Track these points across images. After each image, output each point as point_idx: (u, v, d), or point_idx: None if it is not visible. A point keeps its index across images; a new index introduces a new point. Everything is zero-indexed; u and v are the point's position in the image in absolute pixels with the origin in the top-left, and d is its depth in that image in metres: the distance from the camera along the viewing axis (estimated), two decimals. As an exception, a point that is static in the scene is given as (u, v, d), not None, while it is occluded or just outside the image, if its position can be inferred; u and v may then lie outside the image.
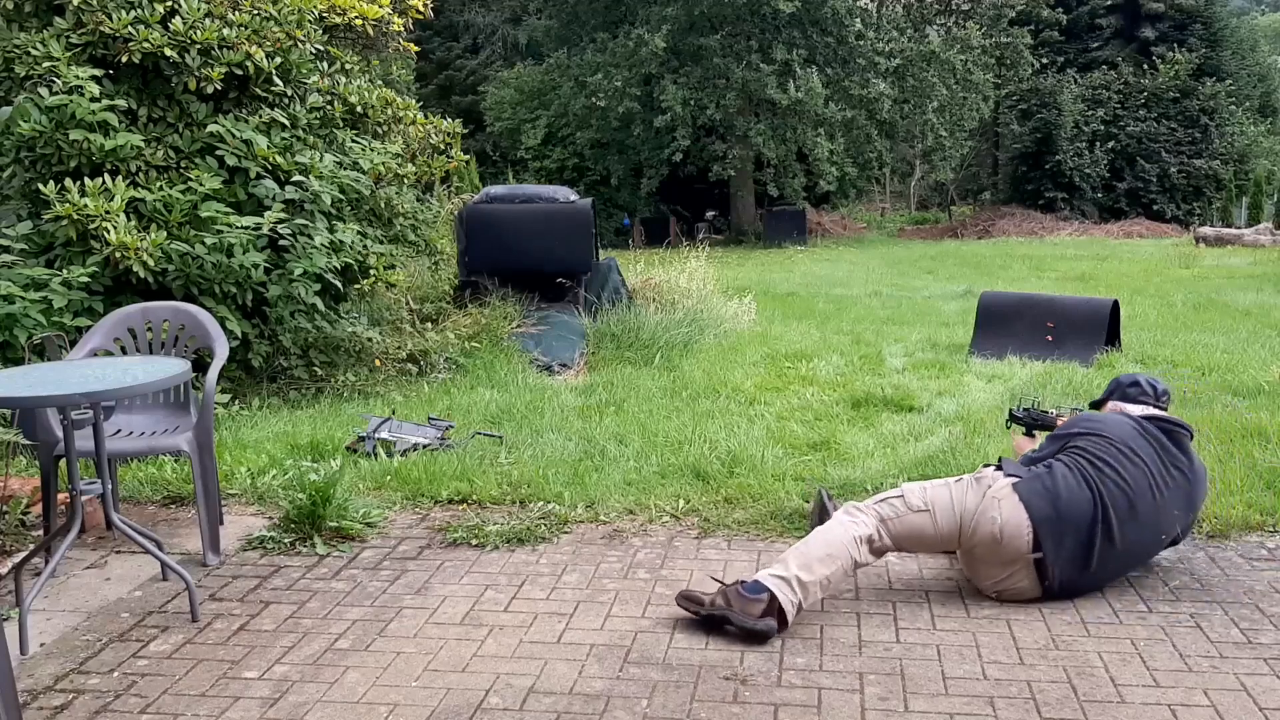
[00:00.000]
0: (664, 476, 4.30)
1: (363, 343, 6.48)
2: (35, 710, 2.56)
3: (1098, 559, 3.03)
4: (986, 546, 3.05)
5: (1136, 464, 3.12)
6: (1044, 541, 3.00)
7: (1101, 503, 3.04)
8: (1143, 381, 3.50)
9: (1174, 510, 3.15)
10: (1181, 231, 23.65)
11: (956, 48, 23.31)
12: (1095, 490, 3.05)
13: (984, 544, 3.05)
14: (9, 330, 4.70)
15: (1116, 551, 3.06)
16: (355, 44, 7.56)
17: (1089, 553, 3.03)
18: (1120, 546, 3.06)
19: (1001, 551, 3.03)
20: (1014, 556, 3.03)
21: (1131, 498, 3.06)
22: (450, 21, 29.54)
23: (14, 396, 2.79)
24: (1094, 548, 3.02)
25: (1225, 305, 9.89)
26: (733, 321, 8.62)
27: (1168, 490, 3.13)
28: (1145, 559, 3.26)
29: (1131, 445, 3.17)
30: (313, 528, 3.72)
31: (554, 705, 2.56)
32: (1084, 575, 3.06)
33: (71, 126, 5.28)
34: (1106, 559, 3.06)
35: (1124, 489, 3.07)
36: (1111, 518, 3.03)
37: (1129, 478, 3.09)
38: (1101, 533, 3.02)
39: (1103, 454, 3.14)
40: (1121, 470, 3.10)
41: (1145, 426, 3.25)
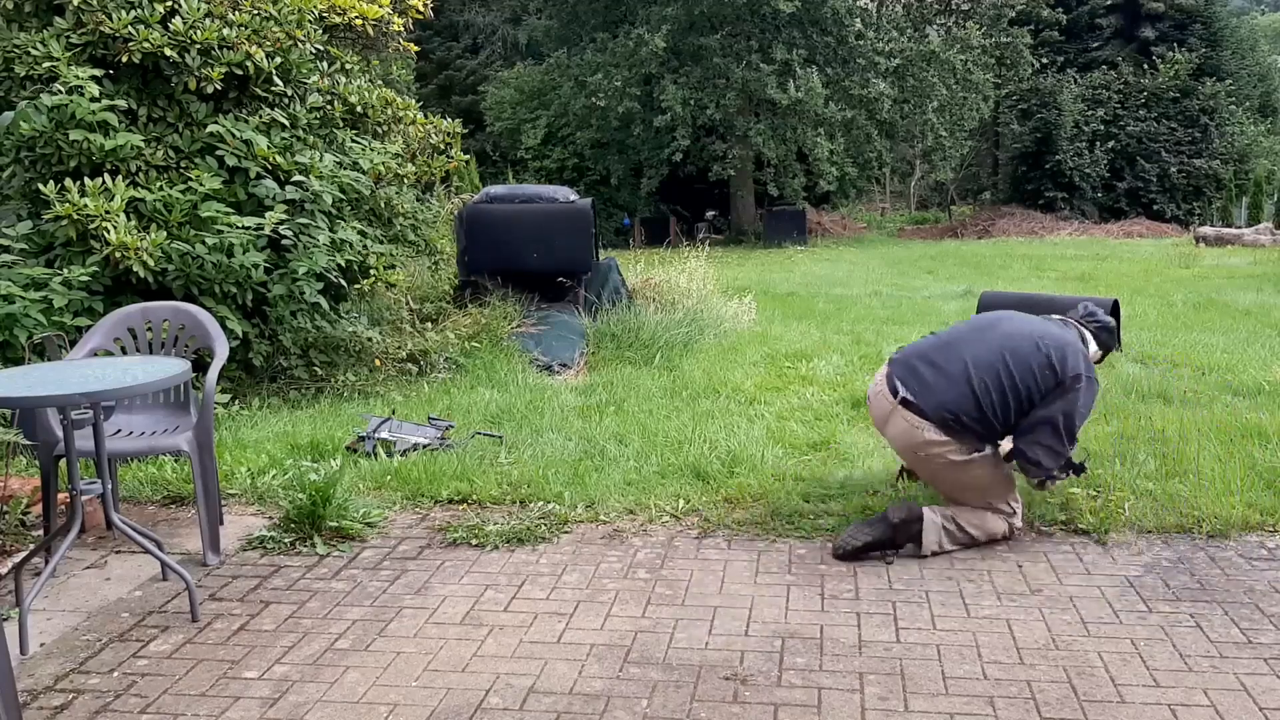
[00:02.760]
0: (664, 476, 4.30)
1: (363, 343, 6.48)
2: (35, 710, 2.57)
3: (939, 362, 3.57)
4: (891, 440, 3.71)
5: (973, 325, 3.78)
6: (897, 383, 3.60)
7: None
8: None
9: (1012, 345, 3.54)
10: (1181, 231, 23.66)
11: (956, 48, 23.31)
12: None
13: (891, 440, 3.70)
14: (9, 330, 4.70)
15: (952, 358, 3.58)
16: (355, 44, 7.56)
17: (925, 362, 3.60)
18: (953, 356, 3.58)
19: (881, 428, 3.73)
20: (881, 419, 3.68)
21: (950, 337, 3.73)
22: (450, 21, 29.54)
23: (14, 396, 2.79)
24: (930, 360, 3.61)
25: (1225, 305, 9.89)
26: (733, 321, 8.61)
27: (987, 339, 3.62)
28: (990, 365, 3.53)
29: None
30: (313, 528, 3.72)
31: (554, 705, 2.56)
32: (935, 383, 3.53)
33: (71, 126, 5.28)
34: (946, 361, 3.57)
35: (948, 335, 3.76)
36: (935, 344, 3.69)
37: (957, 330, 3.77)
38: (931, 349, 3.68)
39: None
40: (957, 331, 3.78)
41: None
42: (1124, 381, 5.98)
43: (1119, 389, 5.79)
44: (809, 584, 3.28)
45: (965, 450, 3.48)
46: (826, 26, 21.97)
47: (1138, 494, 3.97)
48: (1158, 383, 5.92)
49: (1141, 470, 4.23)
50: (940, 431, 3.47)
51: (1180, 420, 4.99)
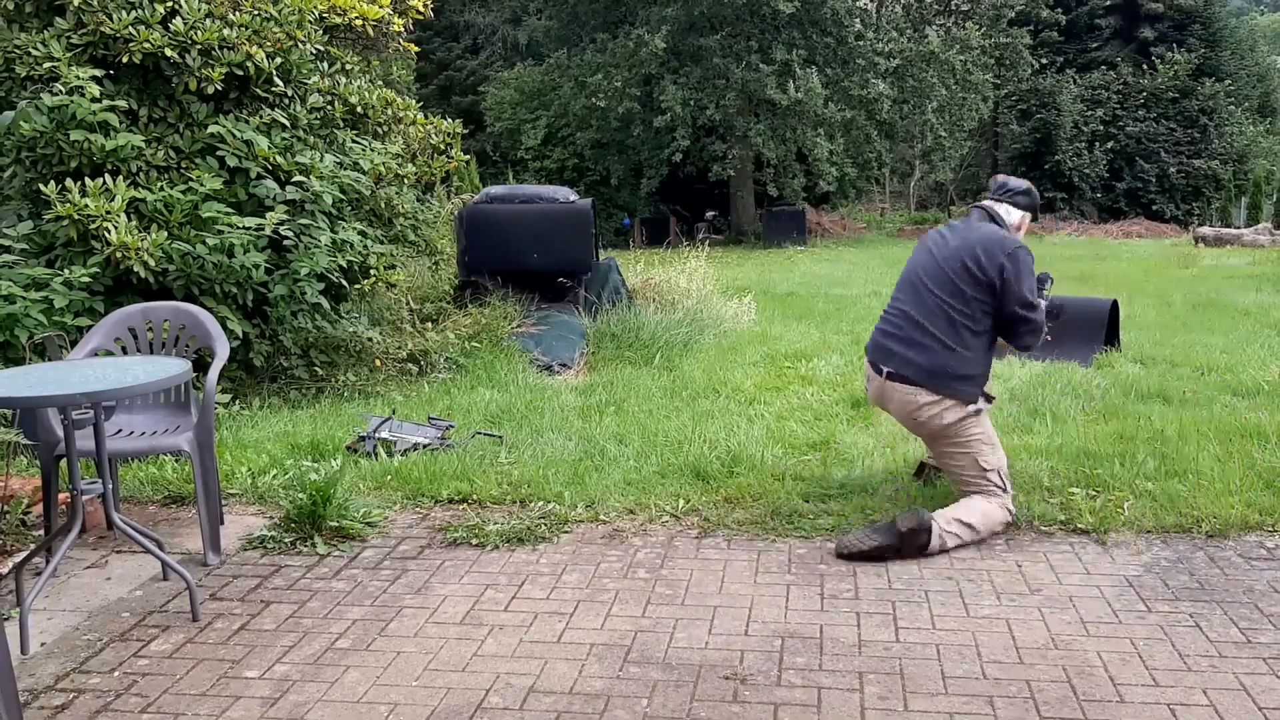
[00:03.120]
0: (664, 476, 4.30)
1: (363, 343, 6.49)
2: (36, 710, 2.57)
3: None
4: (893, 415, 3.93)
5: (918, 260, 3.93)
6: (880, 364, 3.85)
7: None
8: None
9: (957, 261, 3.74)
10: (1181, 231, 23.67)
11: (956, 48, 23.31)
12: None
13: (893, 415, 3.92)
14: (10, 330, 4.70)
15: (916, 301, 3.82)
16: (355, 44, 7.57)
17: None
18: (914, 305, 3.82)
19: (883, 407, 3.96)
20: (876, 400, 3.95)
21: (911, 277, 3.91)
22: (450, 22, 29.54)
23: (15, 396, 2.79)
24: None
25: (1224, 305, 9.89)
26: (732, 321, 8.62)
27: (937, 258, 3.82)
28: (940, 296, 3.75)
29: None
30: (313, 527, 3.73)
31: (554, 705, 2.56)
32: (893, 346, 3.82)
33: (72, 127, 5.28)
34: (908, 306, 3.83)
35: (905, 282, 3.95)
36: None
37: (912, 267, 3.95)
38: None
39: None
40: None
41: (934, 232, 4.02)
42: (1124, 381, 5.99)
43: (1119, 389, 5.79)
44: (809, 584, 3.29)
45: (959, 407, 3.67)
46: (826, 27, 21.98)
47: (1137, 494, 3.98)
48: (1157, 383, 5.92)
49: (1141, 470, 4.23)
50: (932, 392, 3.68)
51: (1180, 420, 5.00)
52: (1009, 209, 3.96)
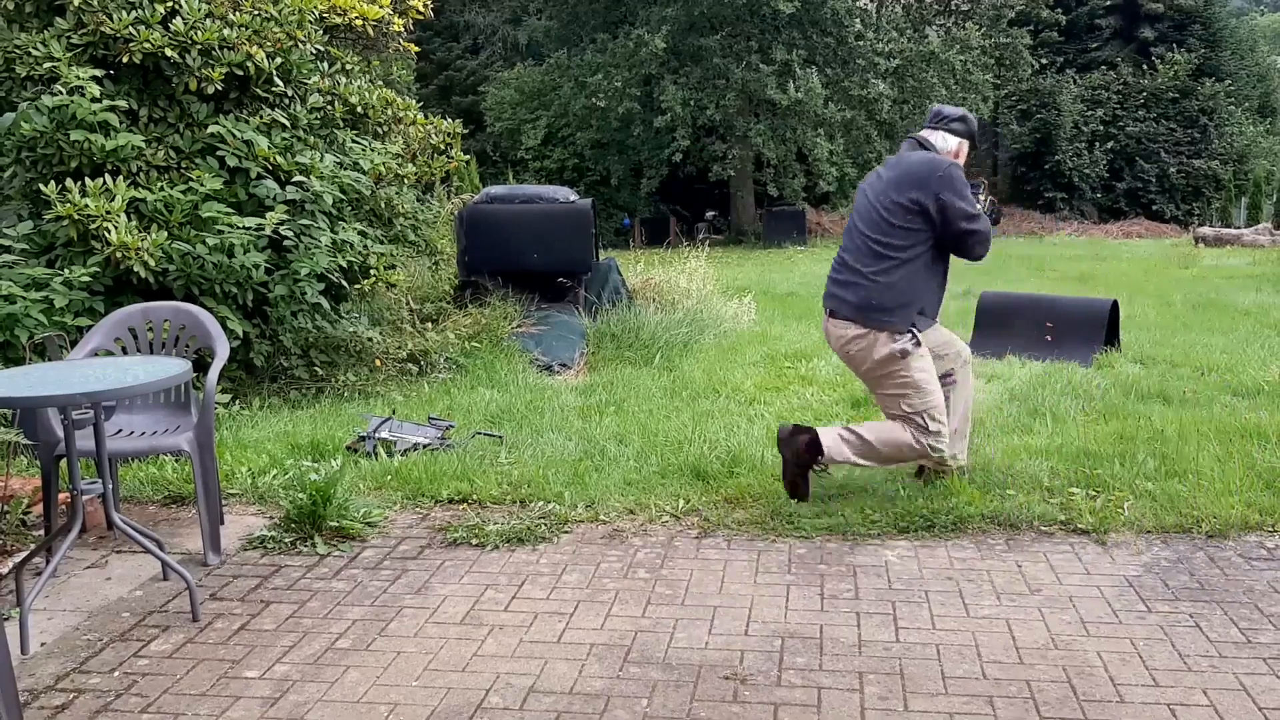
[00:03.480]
0: (664, 476, 4.30)
1: (363, 343, 6.49)
2: (36, 710, 2.57)
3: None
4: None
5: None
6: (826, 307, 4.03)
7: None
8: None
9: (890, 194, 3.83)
10: (1181, 231, 23.67)
11: (956, 48, 23.30)
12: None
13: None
14: (10, 330, 4.70)
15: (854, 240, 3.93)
16: (355, 44, 7.57)
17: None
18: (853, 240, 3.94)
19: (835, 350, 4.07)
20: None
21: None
22: (450, 22, 29.53)
23: (15, 396, 2.79)
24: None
25: (1224, 305, 9.89)
26: (732, 321, 8.61)
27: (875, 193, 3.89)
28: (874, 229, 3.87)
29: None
30: (313, 527, 3.73)
31: (554, 705, 2.56)
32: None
33: (72, 127, 5.28)
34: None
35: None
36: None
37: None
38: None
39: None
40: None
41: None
42: (1124, 381, 5.99)
43: (1119, 389, 5.79)
44: (809, 584, 3.29)
45: (887, 341, 3.79)
46: (826, 27, 21.97)
47: (1137, 494, 3.98)
48: (1157, 383, 5.92)
49: (1141, 470, 4.23)
50: (860, 325, 3.82)
51: (1180, 420, 5.00)
52: (944, 136, 3.99)
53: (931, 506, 3.85)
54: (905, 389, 3.85)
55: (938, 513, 3.80)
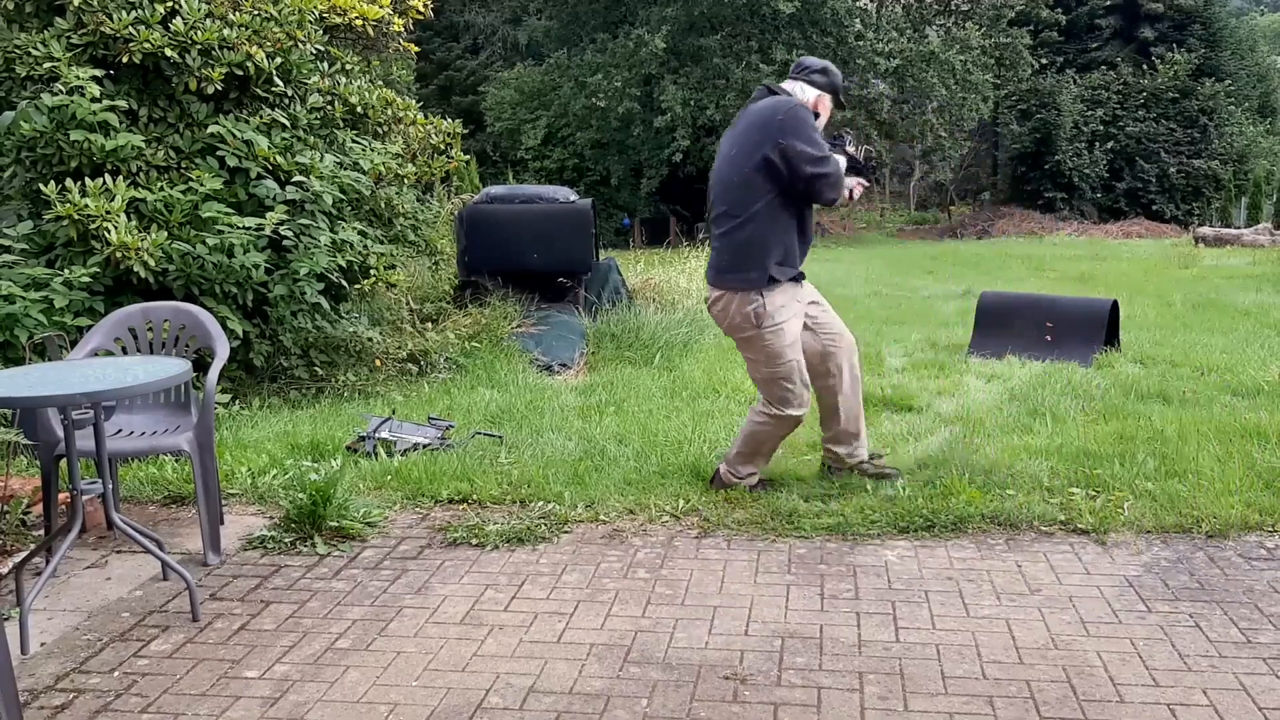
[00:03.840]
0: (664, 476, 4.30)
1: (363, 343, 6.49)
2: (36, 709, 2.57)
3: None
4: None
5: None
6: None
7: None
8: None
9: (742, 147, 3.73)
10: (1181, 231, 23.67)
11: (956, 48, 23.32)
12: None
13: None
14: (10, 330, 4.71)
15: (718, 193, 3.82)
16: (355, 44, 7.57)
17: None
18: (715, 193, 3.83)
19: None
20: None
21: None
22: (450, 22, 29.54)
23: (15, 396, 2.79)
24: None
25: (1224, 305, 9.89)
26: (732, 321, 8.60)
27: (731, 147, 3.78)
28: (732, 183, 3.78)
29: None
30: (313, 527, 3.73)
31: (554, 705, 2.56)
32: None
33: (72, 127, 5.29)
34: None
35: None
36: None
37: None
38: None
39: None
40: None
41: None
42: (1124, 381, 5.99)
43: (1119, 389, 5.79)
44: (809, 584, 3.29)
45: (743, 302, 3.73)
46: (826, 27, 21.99)
47: (1137, 494, 3.98)
48: (1157, 383, 5.92)
49: (1141, 470, 4.23)
50: (718, 289, 3.78)
51: (1180, 420, 5.00)
52: (803, 86, 3.85)
53: (931, 506, 3.85)
54: (760, 351, 3.80)
55: (938, 513, 3.80)
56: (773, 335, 3.78)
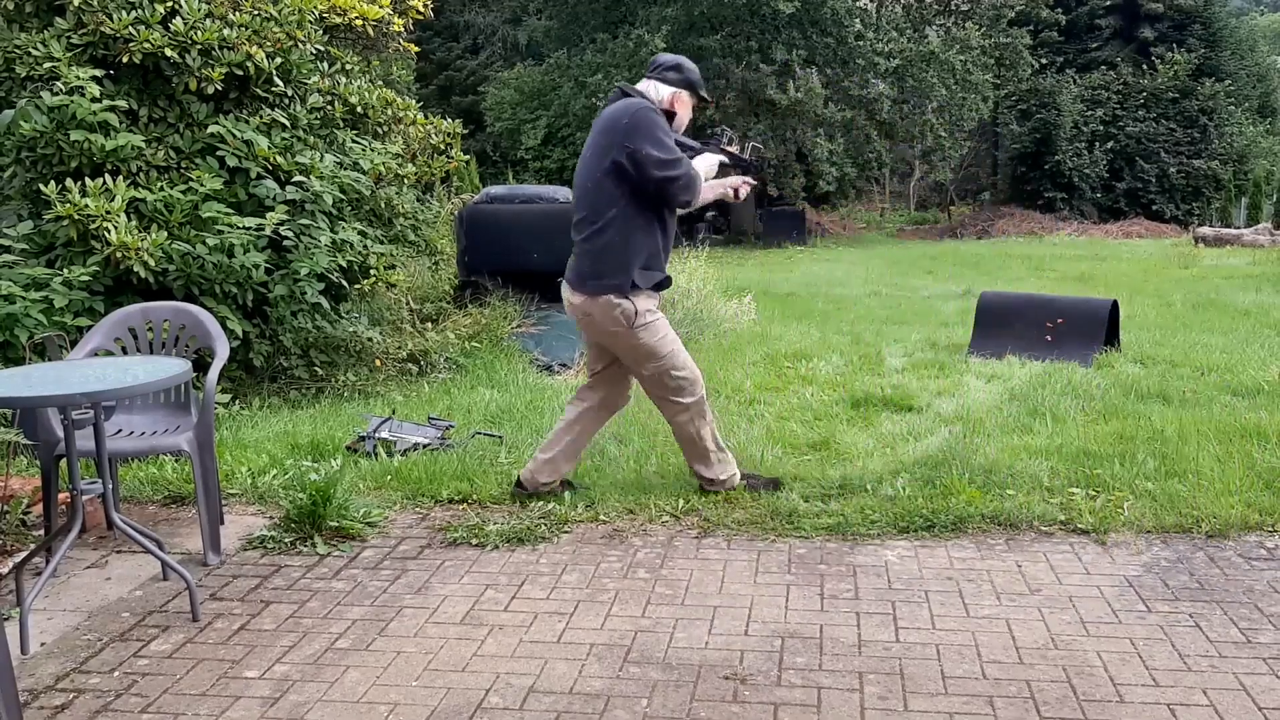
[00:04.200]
0: (664, 476, 4.30)
1: (363, 343, 6.49)
2: (36, 709, 2.57)
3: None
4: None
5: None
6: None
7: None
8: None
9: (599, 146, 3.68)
10: (1181, 231, 23.65)
11: (956, 48, 23.30)
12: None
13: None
14: (10, 330, 4.71)
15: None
16: (355, 44, 7.57)
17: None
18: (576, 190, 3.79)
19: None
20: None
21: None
22: (450, 22, 29.52)
23: (15, 396, 2.79)
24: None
25: (1224, 305, 9.89)
26: (732, 321, 8.62)
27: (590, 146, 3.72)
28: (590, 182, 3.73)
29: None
30: (313, 527, 3.73)
31: (554, 705, 2.56)
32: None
33: (72, 127, 5.29)
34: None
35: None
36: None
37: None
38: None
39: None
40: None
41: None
42: (1124, 381, 5.99)
43: (1119, 389, 5.79)
44: (809, 584, 3.29)
45: (609, 305, 3.66)
46: (826, 27, 21.96)
47: (1137, 494, 3.98)
48: (1157, 383, 5.92)
49: (1141, 470, 4.23)
50: (585, 294, 3.71)
51: (1180, 420, 5.00)
52: (656, 85, 3.78)
53: (931, 506, 3.85)
54: (637, 351, 3.75)
55: (938, 513, 3.80)
56: (645, 332, 3.73)
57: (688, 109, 3.86)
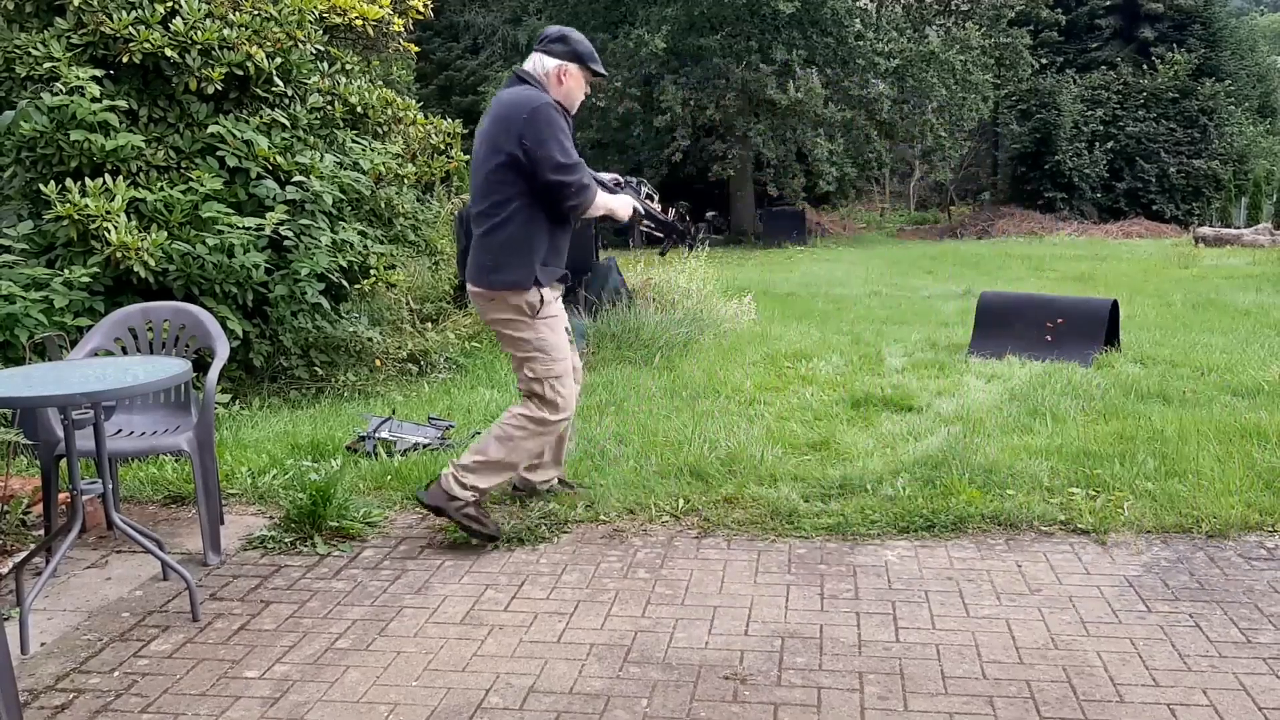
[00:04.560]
0: (663, 476, 4.30)
1: (363, 343, 6.49)
2: (36, 710, 2.57)
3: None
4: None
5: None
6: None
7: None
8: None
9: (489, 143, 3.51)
10: (1181, 231, 23.66)
11: (956, 48, 23.30)
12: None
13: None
14: (10, 330, 4.71)
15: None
16: (355, 44, 7.57)
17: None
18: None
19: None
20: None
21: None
22: (450, 22, 29.52)
23: (15, 396, 2.79)
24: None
25: (1224, 305, 9.89)
26: (732, 321, 8.62)
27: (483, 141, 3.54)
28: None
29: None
30: (313, 527, 3.73)
31: (554, 705, 2.56)
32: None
33: (72, 127, 5.29)
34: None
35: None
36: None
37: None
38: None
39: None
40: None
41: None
42: (1124, 381, 5.99)
43: (1119, 389, 5.79)
44: (809, 584, 3.29)
45: (504, 302, 3.52)
46: (826, 27, 21.96)
47: (1137, 494, 3.98)
48: (1157, 383, 5.92)
49: (1141, 470, 4.23)
50: (484, 288, 3.55)
51: (1180, 420, 5.00)
52: (542, 58, 3.58)
53: (931, 506, 3.85)
54: (529, 352, 3.57)
55: (938, 513, 3.80)
56: (547, 328, 3.58)
57: (579, 84, 3.66)
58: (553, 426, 3.65)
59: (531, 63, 3.60)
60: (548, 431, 3.66)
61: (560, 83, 3.58)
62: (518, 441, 3.61)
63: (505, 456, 3.59)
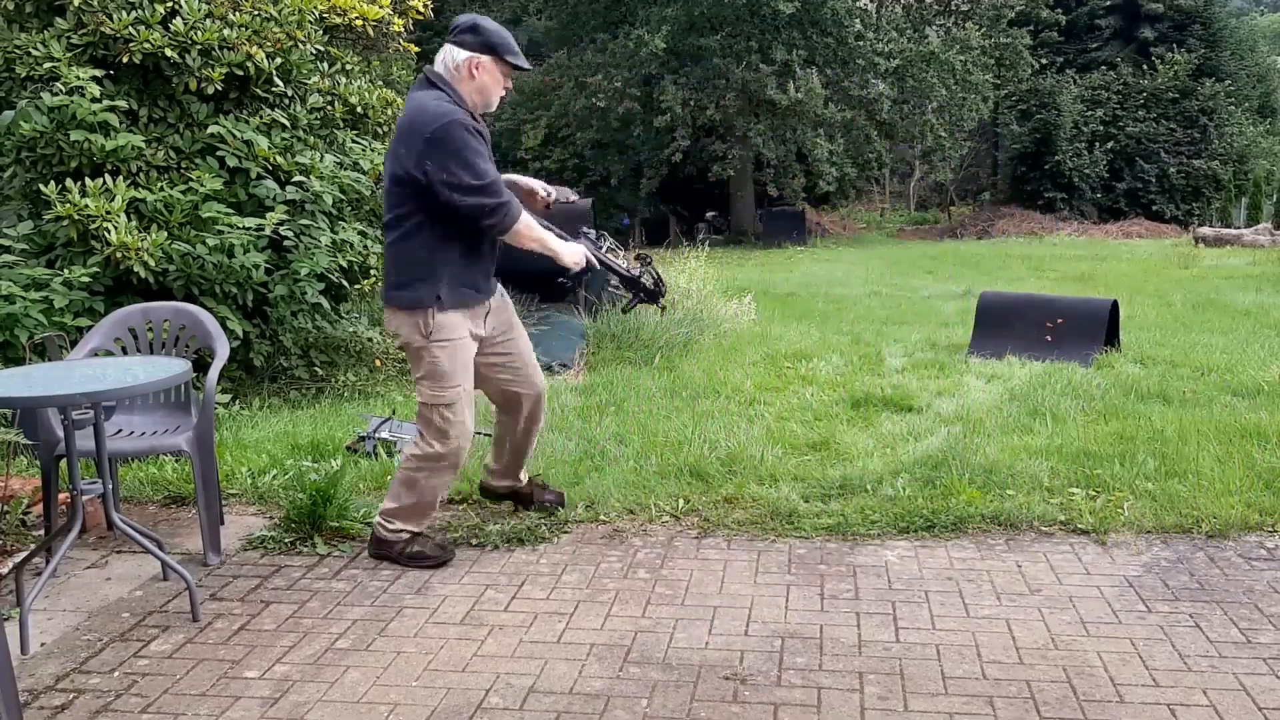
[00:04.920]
0: (664, 476, 4.30)
1: (363, 343, 6.49)
2: (36, 710, 2.57)
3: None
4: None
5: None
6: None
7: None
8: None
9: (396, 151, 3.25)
10: (1181, 232, 23.66)
11: (956, 48, 23.30)
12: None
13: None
14: (10, 330, 4.71)
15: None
16: (355, 44, 7.57)
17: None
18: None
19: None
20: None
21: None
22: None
23: (15, 396, 2.79)
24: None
25: (1224, 305, 9.89)
26: (732, 321, 8.62)
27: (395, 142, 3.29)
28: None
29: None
30: (313, 527, 3.73)
31: (554, 705, 2.56)
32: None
33: (72, 127, 5.29)
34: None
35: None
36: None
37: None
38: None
39: None
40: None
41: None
42: (1124, 381, 5.99)
43: (1119, 389, 5.79)
44: (809, 584, 3.29)
45: (408, 320, 3.29)
46: (826, 27, 21.96)
47: (1137, 494, 3.98)
48: (1157, 383, 5.92)
49: (1141, 470, 4.23)
50: (390, 307, 3.36)
51: (1180, 420, 5.00)
52: (451, 50, 3.28)
53: (931, 506, 3.85)
54: (427, 368, 3.33)
55: (938, 513, 3.80)
56: (442, 350, 3.32)
57: (494, 78, 3.32)
58: (446, 459, 3.41)
59: (441, 57, 3.31)
60: (444, 464, 3.42)
61: (472, 76, 3.28)
62: (421, 481, 3.43)
63: (418, 499, 3.45)
